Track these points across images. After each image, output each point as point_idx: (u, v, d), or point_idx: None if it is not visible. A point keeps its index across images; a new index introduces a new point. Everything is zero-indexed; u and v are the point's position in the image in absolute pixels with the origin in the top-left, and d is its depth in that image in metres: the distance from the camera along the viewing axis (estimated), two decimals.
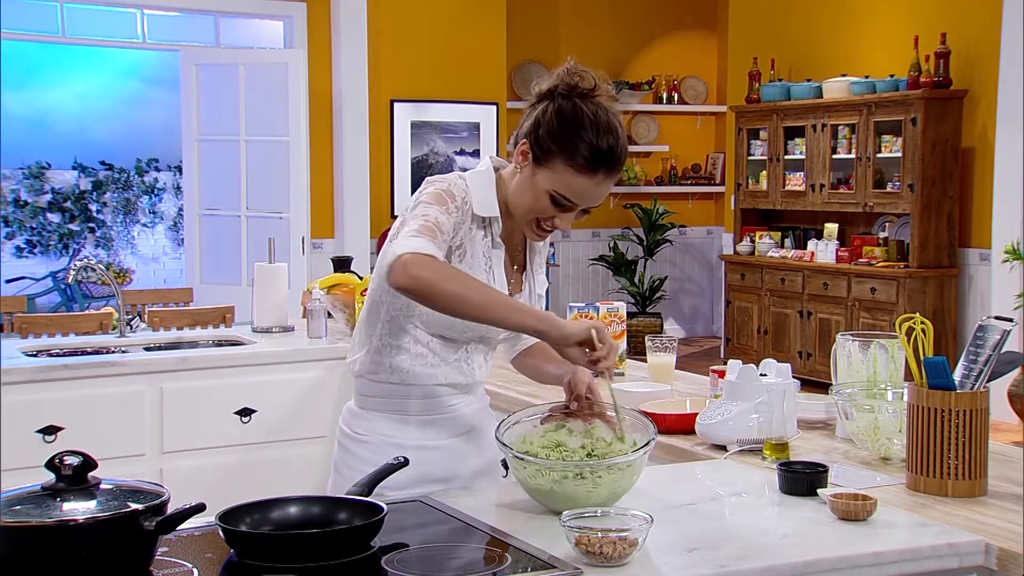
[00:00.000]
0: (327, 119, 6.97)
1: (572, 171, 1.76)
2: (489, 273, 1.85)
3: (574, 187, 1.77)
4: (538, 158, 1.78)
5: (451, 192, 1.80)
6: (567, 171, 1.76)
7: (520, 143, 1.81)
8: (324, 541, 1.40)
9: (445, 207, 1.78)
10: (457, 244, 1.82)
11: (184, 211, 7.05)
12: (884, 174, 6.70)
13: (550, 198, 1.78)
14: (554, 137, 1.76)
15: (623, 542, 1.42)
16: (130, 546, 1.33)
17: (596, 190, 1.78)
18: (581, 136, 1.75)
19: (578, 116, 1.76)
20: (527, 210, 1.82)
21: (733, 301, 7.70)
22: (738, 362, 2.25)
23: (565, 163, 1.76)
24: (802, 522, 1.64)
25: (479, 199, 1.83)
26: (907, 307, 6.30)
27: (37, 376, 3.12)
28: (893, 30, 6.88)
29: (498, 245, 1.87)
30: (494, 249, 1.86)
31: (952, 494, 1.77)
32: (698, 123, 9.08)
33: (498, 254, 1.87)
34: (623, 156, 1.80)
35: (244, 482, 3.27)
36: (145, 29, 7.04)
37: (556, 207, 1.79)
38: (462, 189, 1.82)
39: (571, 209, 1.80)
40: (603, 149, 1.76)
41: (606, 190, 1.80)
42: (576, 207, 1.80)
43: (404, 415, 1.92)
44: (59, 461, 1.35)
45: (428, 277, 1.66)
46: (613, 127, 1.78)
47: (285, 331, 3.76)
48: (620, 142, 1.79)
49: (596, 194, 1.79)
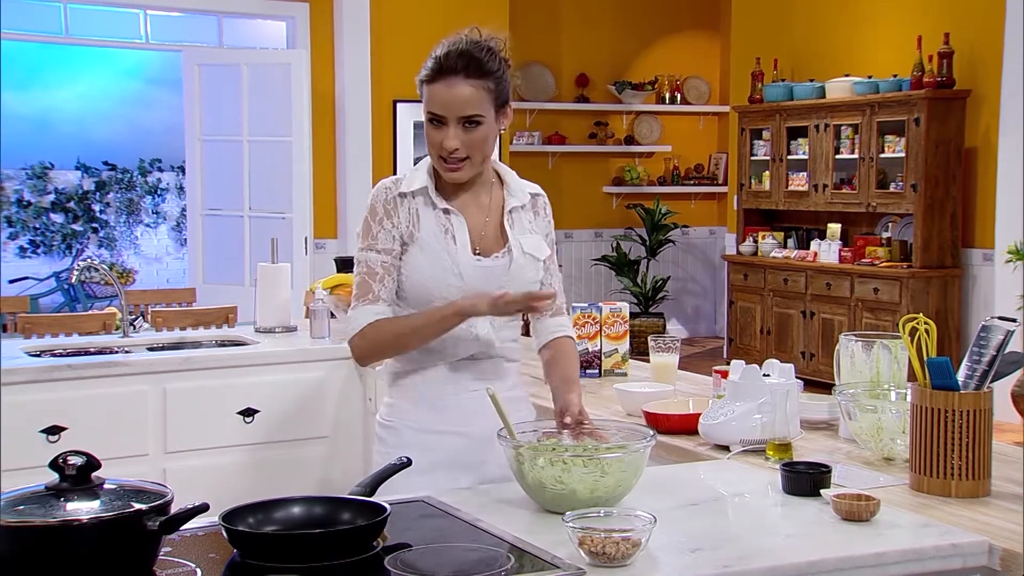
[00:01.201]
0: (330, 119, 6.97)
1: (429, 86, 1.93)
2: (447, 236, 1.97)
3: (431, 99, 1.93)
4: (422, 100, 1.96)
5: (373, 208, 1.99)
6: (427, 90, 1.94)
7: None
8: (327, 541, 1.40)
9: (369, 234, 1.98)
10: (408, 233, 1.97)
11: (187, 211, 7.06)
12: (887, 174, 6.69)
13: (428, 122, 1.94)
14: (421, 74, 1.96)
15: (626, 542, 1.42)
16: (133, 546, 1.33)
17: (449, 93, 1.90)
18: (433, 57, 1.94)
19: (433, 50, 1.95)
20: (428, 149, 1.97)
21: (736, 301, 7.70)
22: (741, 362, 2.24)
23: (427, 85, 1.94)
24: (805, 522, 1.64)
25: (407, 183, 2.00)
26: (910, 307, 6.29)
27: (41, 376, 3.12)
28: (896, 30, 6.87)
29: (453, 212, 1.99)
30: (450, 216, 1.99)
31: (955, 495, 1.77)
32: (701, 123, 9.07)
33: (458, 220, 1.99)
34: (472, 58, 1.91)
35: (247, 482, 3.28)
36: (148, 29, 7.05)
37: (435, 127, 1.94)
38: (385, 189, 2.00)
39: (448, 125, 1.92)
40: (449, 54, 1.92)
41: (461, 95, 1.90)
42: (446, 119, 1.91)
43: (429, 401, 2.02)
44: (63, 461, 1.35)
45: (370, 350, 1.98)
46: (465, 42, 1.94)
47: (288, 331, 3.76)
48: (458, 47, 1.93)
49: (451, 98, 1.90)
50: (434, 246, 1.96)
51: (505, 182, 2.06)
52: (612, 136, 8.70)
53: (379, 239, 1.97)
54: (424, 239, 1.97)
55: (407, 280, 1.97)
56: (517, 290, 1.95)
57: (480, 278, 1.97)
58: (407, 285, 1.98)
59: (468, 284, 1.95)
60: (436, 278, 1.95)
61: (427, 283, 1.96)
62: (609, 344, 2.91)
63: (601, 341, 2.90)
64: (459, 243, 1.97)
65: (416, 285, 1.96)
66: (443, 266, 1.96)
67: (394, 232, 1.97)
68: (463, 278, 1.96)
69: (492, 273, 1.98)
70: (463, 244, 1.98)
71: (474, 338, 2.00)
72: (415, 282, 1.96)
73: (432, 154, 1.97)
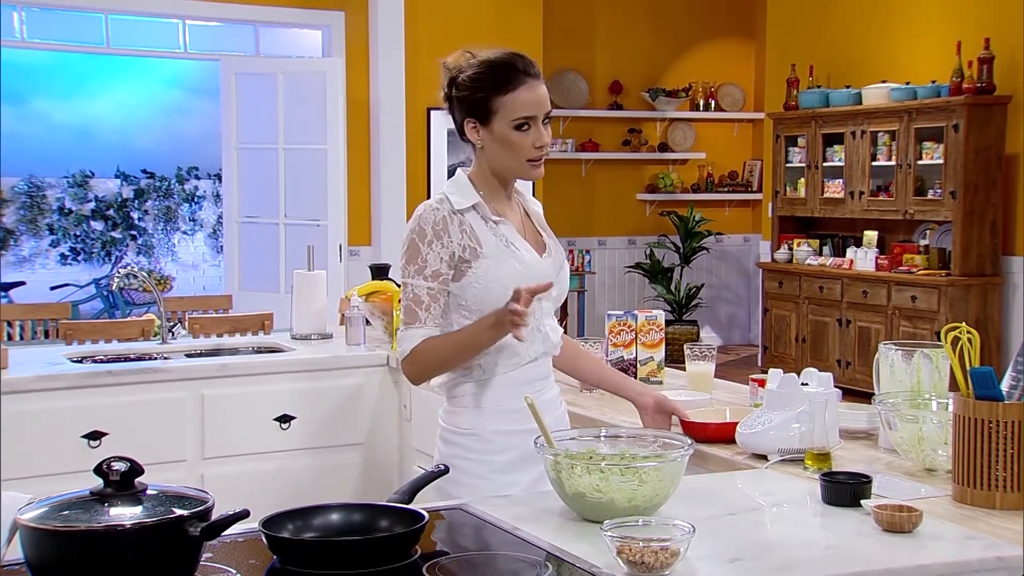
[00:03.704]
0: (364, 127, 7.02)
1: (510, 94, 1.99)
2: (510, 247, 2.04)
3: (520, 104, 2.00)
4: (483, 117, 2.02)
5: (421, 230, 2.02)
6: (507, 100, 1.99)
7: (466, 126, 2.05)
8: (366, 548, 1.41)
9: (417, 258, 2.01)
10: (462, 250, 2.01)
11: (223, 219, 7.13)
12: (925, 181, 6.61)
13: (515, 129, 2.00)
14: (480, 90, 2.01)
15: (665, 552, 1.41)
16: (176, 551, 1.34)
17: (535, 94, 2.01)
18: (494, 70, 2.01)
19: (480, 67, 2.02)
20: (513, 158, 2.03)
21: (771, 309, 7.64)
22: (779, 371, 2.23)
23: (501, 96, 2.00)
24: (845, 533, 1.62)
25: (457, 200, 2.04)
26: (949, 316, 6.21)
27: (82, 382, 3.17)
28: (934, 36, 6.80)
29: (502, 222, 2.06)
30: (500, 226, 2.05)
31: (1000, 506, 1.74)
32: (735, 130, 9.02)
33: (508, 229, 2.06)
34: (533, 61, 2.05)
35: (282, 488, 3.30)
36: (187, 39, 7.14)
37: (524, 133, 2.01)
38: (433, 210, 2.03)
39: (535, 124, 2.01)
40: (513, 62, 2.02)
41: (544, 93, 2.03)
42: (536, 118, 2.01)
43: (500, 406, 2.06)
44: (107, 467, 1.37)
45: (420, 372, 2.04)
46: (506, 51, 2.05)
47: (324, 338, 3.78)
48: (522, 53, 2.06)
49: (538, 98, 2.02)
50: (499, 257, 2.02)
51: (519, 192, 2.16)
52: (646, 143, 8.68)
53: (428, 262, 2.01)
54: (489, 252, 2.02)
55: (486, 293, 2.01)
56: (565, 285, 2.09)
57: (546, 276, 2.04)
58: (487, 299, 2.01)
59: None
60: (510, 287, 1.96)
61: (500, 296, 1.98)
62: (644, 352, 2.89)
63: (636, 349, 2.89)
64: (521, 248, 2.05)
65: (498, 298, 1.98)
66: (518, 272, 2.01)
67: (443, 253, 2.01)
68: (539, 279, 2.00)
69: (550, 270, 2.08)
70: (524, 248, 2.06)
71: (544, 337, 2.08)
72: (496, 294, 1.99)
73: (518, 160, 2.03)
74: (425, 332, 2.01)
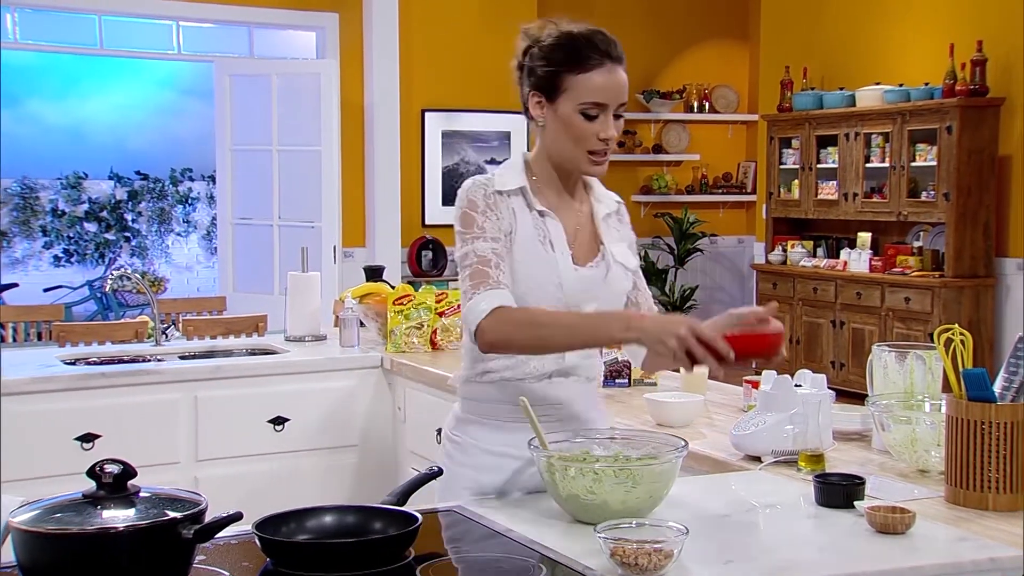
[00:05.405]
0: (359, 129, 7.01)
1: (583, 74, 1.80)
2: (546, 243, 1.84)
3: (593, 87, 1.79)
4: (550, 93, 1.82)
5: (472, 202, 1.83)
6: (579, 79, 1.80)
7: (530, 99, 1.85)
8: (360, 550, 1.41)
9: (474, 225, 1.82)
10: (507, 230, 1.83)
11: (217, 220, 7.12)
12: (918, 183, 6.63)
13: (581, 116, 1.80)
14: (553, 63, 1.81)
15: (658, 553, 1.41)
16: (169, 554, 1.34)
17: (613, 80, 1.81)
18: (572, 44, 1.81)
19: (559, 39, 1.83)
20: (572, 146, 1.82)
21: None
22: (772, 373, 2.23)
23: (574, 74, 1.80)
24: (839, 535, 1.62)
25: (500, 181, 1.86)
26: (942, 317, 6.22)
27: (75, 384, 3.16)
28: (928, 38, 6.81)
29: (548, 215, 1.86)
30: (545, 219, 1.85)
31: (992, 508, 1.74)
32: (729, 132, 9.04)
33: (554, 224, 1.86)
34: (616, 41, 1.84)
35: (276, 490, 3.29)
36: (181, 41, 7.13)
37: (590, 121, 1.80)
38: (481, 185, 1.85)
39: (605, 114, 1.81)
40: (596, 39, 1.82)
41: (623, 81, 1.82)
42: (607, 109, 1.81)
43: (498, 421, 1.89)
44: (100, 469, 1.36)
45: (503, 339, 1.75)
46: (591, 27, 1.84)
47: (318, 340, 3.78)
48: (606, 32, 1.85)
49: (615, 85, 1.81)
50: (531, 253, 1.82)
51: (591, 187, 1.95)
52: (640, 145, 8.69)
53: (487, 229, 1.80)
54: (521, 244, 1.82)
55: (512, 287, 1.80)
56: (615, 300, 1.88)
57: (578, 288, 1.84)
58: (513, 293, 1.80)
59: (568, 295, 1.83)
60: (534, 288, 1.81)
61: (524, 293, 1.80)
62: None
63: None
64: (557, 250, 1.84)
65: (520, 296, 1.79)
66: (542, 275, 1.82)
67: (499, 224, 1.82)
68: (563, 288, 1.83)
69: (591, 283, 1.86)
70: (561, 251, 1.84)
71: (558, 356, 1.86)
72: (519, 292, 1.80)
73: (577, 149, 1.82)
74: (503, 294, 1.75)
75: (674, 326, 1.60)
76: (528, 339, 1.74)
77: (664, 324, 1.63)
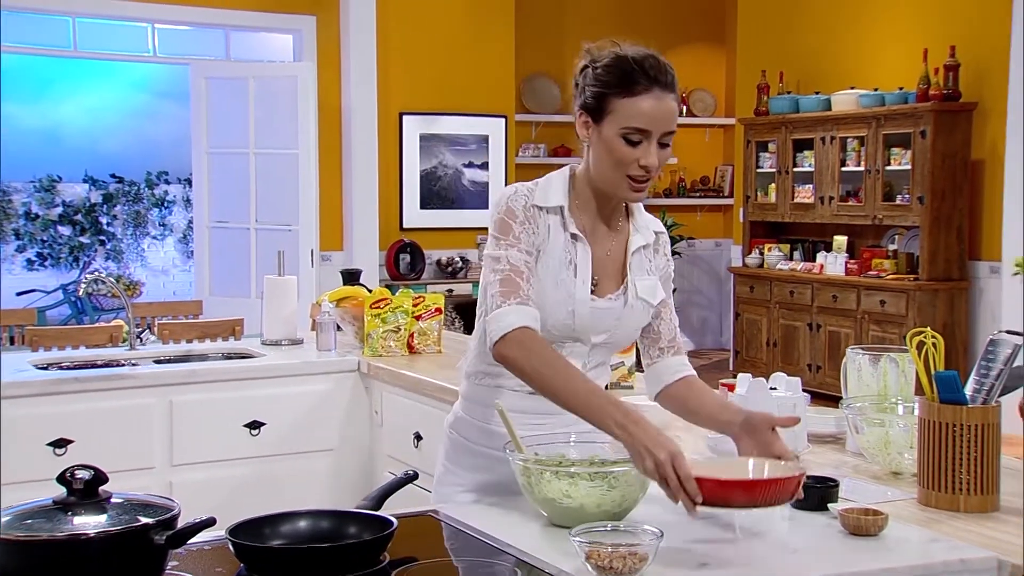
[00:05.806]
0: (336, 132, 7.00)
1: (629, 99, 1.76)
2: (570, 267, 1.82)
3: (638, 113, 1.76)
4: (596, 113, 1.79)
5: (510, 210, 1.82)
6: (624, 103, 1.76)
7: (578, 118, 1.83)
8: (334, 555, 1.40)
9: (511, 233, 1.80)
10: (539, 246, 1.82)
11: (194, 224, 7.08)
12: (893, 187, 6.69)
13: (623, 141, 1.77)
14: (601, 85, 1.78)
15: (633, 556, 1.42)
16: (140, 560, 1.33)
17: (660, 108, 1.77)
18: (622, 67, 1.78)
19: (612, 61, 1.80)
20: (612, 169, 1.79)
21: (742, 314, 7.69)
22: (748, 376, 2.24)
23: (620, 97, 1.77)
24: (812, 537, 1.63)
25: (541, 195, 1.84)
26: (917, 320, 6.28)
27: (48, 389, 3.13)
28: (902, 43, 6.88)
29: (580, 240, 1.83)
30: (576, 243, 1.83)
31: (964, 509, 1.76)
32: (707, 135, 9.08)
33: (583, 249, 1.83)
34: (670, 68, 1.81)
35: (253, 495, 3.27)
36: (156, 43, 7.09)
37: (632, 146, 1.77)
38: (523, 196, 1.84)
39: (647, 143, 1.77)
40: (646, 64, 1.78)
41: (671, 110, 1.78)
42: (651, 136, 1.77)
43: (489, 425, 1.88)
44: (70, 475, 1.35)
45: (516, 359, 1.74)
46: (645, 51, 1.81)
47: (294, 344, 3.76)
48: (660, 57, 1.81)
49: (661, 113, 1.77)
50: (554, 273, 1.81)
51: (633, 214, 1.92)
52: None
53: (522, 239, 1.80)
54: (546, 262, 1.81)
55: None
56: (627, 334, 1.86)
57: (590, 320, 1.83)
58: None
59: (578, 323, 1.82)
60: (547, 308, 1.79)
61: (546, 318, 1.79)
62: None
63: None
64: (579, 277, 1.82)
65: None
66: (558, 298, 1.80)
67: (533, 238, 1.81)
68: (575, 316, 1.81)
69: (604, 315, 1.84)
70: (583, 280, 1.82)
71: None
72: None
73: (616, 173, 1.78)
74: (531, 313, 1.75)
75: (658, 448, 1.56)
76: (535, 374, 1.73)
77: (651, 441, 1.58)
